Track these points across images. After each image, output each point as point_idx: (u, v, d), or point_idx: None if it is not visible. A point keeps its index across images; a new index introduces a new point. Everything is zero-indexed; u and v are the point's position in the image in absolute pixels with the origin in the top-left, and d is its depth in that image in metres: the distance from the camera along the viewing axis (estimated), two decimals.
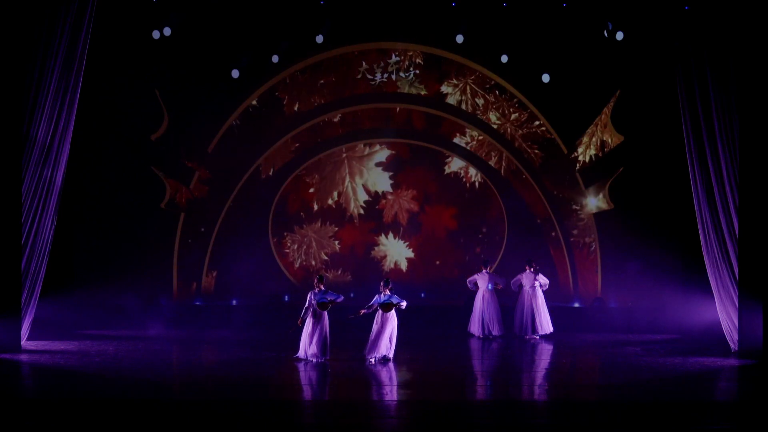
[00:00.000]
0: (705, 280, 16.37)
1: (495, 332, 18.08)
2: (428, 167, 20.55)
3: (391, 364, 14.52)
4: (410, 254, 20.56)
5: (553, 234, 20.23)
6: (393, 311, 14.76)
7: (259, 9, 18.96)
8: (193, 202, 20.00)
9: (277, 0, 18.86)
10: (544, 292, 18.29)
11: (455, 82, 20.13)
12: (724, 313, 16.00)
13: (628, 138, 19.61)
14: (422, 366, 14.93)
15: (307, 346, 14.74)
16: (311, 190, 20.48)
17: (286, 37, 19.31)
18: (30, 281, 15.58)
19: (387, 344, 14.80)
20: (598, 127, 19.66)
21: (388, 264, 20.45)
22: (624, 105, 19.58)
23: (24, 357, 14.95)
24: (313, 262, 20.40)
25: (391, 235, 20.50)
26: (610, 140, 19.58)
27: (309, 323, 14.74)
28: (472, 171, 20.43)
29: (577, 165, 19.97)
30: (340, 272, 20.34)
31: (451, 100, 20.27)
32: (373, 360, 14.67)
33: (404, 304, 14.78)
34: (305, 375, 13.89)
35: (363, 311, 14.87)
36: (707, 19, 15.75)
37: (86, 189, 18.95)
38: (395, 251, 20.53)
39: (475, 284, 18.33)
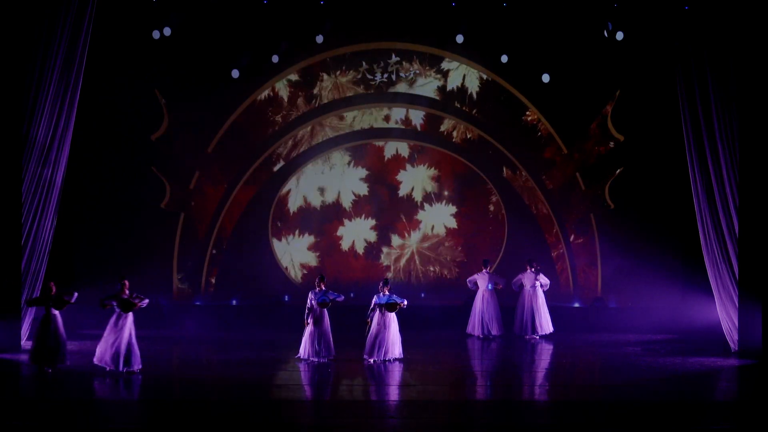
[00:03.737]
0: (705, 280, 16.39)
1: (494, 332, 18.09)
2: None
3: (390, 364, 14.52)
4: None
5: (553, 234, 20.22)
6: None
7: (259, 9, 18.95)
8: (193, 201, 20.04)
9: (277, 0, 18.85)
10: (544, 292, 18.30)
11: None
12: (724, 313, 16.01)
13: (628, 138, 19.62)
14: (422, 366, 14.93)
15: (308, 346, 14.75)
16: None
17: (286, 37, 19.31)
18: (30, 281, 15.58)
19: (396, 345, 14.81)
20: None
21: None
22: (624, 105, 19.58)
23: (24, 357, 14.94)
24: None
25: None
26: None
27: (310, 323, 14.75)
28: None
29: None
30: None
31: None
32: (373, 361, 14.66)
33: (405, 303, 14.79)
34: (305, 375, 13.89)
35: (369, 318, 14.87)
36: (707, 19, 15.77)
37: (86, 189, 18.93)
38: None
39: (475, 284, 18.34)
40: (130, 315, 13.71)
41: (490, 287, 18.17)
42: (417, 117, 20.39)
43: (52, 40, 15.25)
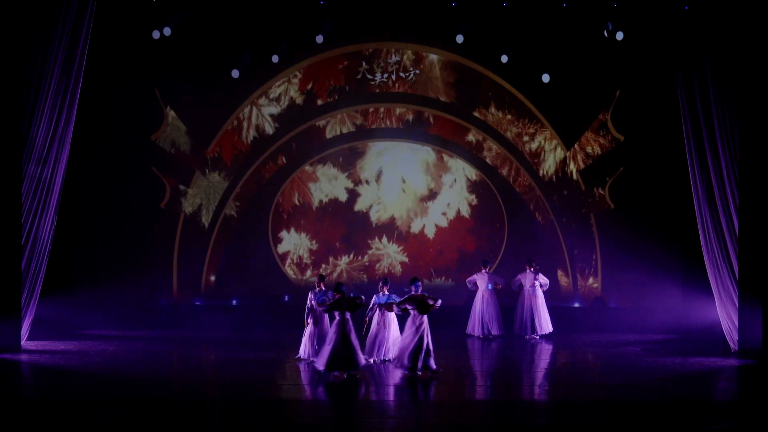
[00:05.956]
0: (705, 280, 16.37)
1: (494, 332, 18.09)
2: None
3: (390, 365, 14.50)
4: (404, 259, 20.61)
5: (553, 234, 20.22)
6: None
7: (259, 9, 18.96)
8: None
9: (277, 0, 18.86)
10: (544, 292, 18.30)
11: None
12: (724, 313, 16.00)
13: (628, 138, 19.62)
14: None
15: (308, 346, 14.74)
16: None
17: (286, 37, 19.31)
18: (30, 281, 15.57)
19: (397, 345, 14.78)
20: None
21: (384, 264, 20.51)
22: (624, 105, 19.58)
23: (24, 357, 14.94)
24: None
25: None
26: None
27: (310, 323, 14.75)
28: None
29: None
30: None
31: None
32: (372, 361, 14.65)
33: None
34: (305, 375, 13.89)
35: (368, 317, 14.84)
36: (707, 19, 15.75)
37: (86, 189, 18.94)
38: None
39: (475, 284, 18.34)
40: (426, 316, 13.65)
41: (489, 287, 18.17)
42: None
43: (52, 40, 15.23)
